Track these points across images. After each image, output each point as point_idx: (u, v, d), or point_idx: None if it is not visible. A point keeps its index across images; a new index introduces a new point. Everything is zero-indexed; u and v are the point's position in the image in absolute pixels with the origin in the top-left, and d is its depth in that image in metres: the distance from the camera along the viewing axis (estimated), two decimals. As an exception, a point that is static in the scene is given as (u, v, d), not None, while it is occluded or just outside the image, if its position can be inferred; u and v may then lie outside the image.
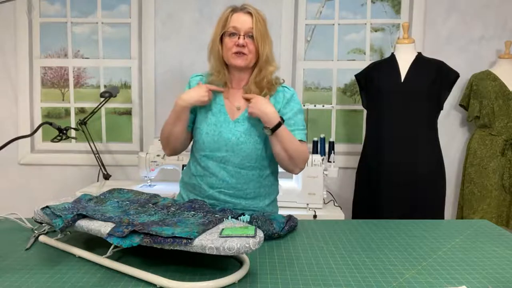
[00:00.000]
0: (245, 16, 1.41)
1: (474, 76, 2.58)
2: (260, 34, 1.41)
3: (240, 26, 1.40)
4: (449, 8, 2.66)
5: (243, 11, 1.42)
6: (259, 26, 1.41)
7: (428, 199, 2.25)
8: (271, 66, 1.46)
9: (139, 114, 2.87)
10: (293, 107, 1.48)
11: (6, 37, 2.78)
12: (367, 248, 1.18)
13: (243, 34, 1.40)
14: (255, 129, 1.44)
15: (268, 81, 1.46)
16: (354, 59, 2.83)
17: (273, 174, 1.54)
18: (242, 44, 1.40)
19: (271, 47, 1.46)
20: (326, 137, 2.56)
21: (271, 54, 1.46)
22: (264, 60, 1.43)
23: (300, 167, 1.48)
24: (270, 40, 1.46)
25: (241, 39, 1.40)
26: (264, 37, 1.42)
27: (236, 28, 1.40)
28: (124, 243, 0.97)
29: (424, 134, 2.27)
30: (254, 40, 1.41)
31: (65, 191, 2.80)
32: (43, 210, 1.16)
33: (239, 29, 1.40)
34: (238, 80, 1.50)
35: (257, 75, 1.45)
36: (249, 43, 1.41)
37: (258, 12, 1.44)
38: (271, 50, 1.46)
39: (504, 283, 0.97)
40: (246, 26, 1.40)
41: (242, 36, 1.40)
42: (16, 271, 1.00)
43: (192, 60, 2.73)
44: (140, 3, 2.77)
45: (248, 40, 1.41)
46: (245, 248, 0.92)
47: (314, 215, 2.18)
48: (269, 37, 1.45)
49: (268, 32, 1.45)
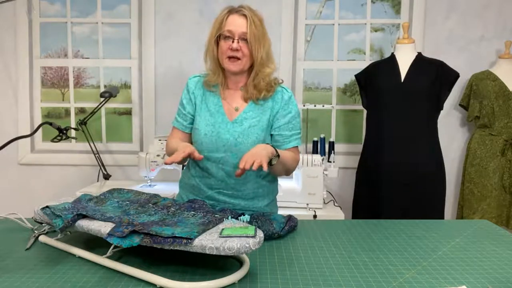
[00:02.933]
0: (240, 19, 1.40)
1: (474, 76, 2.58)
2: (254, 37, 1.39)
3: (235, 29, 1.40)
4: (449, 8, 2.66)
5: (239, 13, 1.41)
6: (253, 29, 1.39)
7: (428, 199, 2.25)
8: (268, 67, 1.45)
9: (139, 114, 2.87)
10: (291, 110, 1.49)
11: (6, 37, 2.79)
12: (367, 248, 1.18)
13: (237, 38, 1.39)
14: (253, 130, 1.44)
15: (267, 82, 1.46)
16: (354, 59, 2.83)
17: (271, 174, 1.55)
18: (236, 48, 1.39)
19: (268, 48, 1.44)
20: (326, 137, 2.56)
21: (267, 56, 1.44)
22: (259, 63, 1.42)
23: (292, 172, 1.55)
24: (267, 41, 1.44)
25: (235, 43, 1.39)
26: (259, 40, 1.40)
27: (231, 31, 1.40)
28: (124, 243, 0.97)
29: (424, 134, 2.27)
30: (249, 44, 1.40)
31: (65, 191, 2.80)
32: (43, 210, 1.16)
33: (233, 33, 1.40)
34: (234, 82, 1.50)
35: (254, 78, 1.45)
36: (243, 47, 1.40)
37: (254, 13, 1.42)
38: (267, 52, 1.44)
39: (504, 283, 0.97)
40: (240, 29, 1.39)
41: (236, 40, 1.39)
42: (16, 271, 1.00)
43: (192, 60, 2.73)
44: (140, 3, 2.77)
45: (242, 43, 1.40)
46: (245, 248, 0.92)
47: (314, 215, 2.18)
48: (265, 38, 1.44)
49: (264, 33, 1.44)
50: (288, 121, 1.48)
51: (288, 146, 1.49)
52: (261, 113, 1.47)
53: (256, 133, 1.44)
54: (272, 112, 1.47)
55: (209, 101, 1.49)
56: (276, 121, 1.48)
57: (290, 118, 1.48)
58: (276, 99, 1.48)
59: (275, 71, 1.49)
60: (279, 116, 1.47)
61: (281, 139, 1.48)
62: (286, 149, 1.48)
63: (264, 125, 1.46)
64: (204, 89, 1.51)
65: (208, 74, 1.50)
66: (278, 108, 1.47)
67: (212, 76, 1.48)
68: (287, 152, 1.46)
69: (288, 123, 1.48)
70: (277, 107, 1.47)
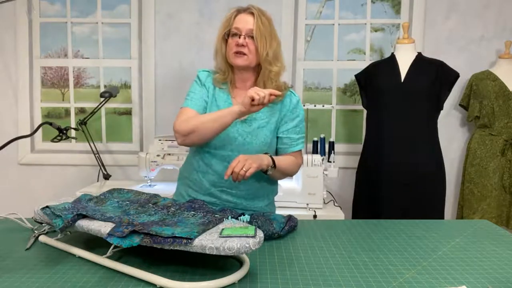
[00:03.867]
0: (248, 17, 1.43)
1: (474, 76, 2.58)
2: (260, 34, 1.41)
3: (242, 26, 1.43)
4: (449, 8, 2.66)
5: (247, 11, 1.45)
6: (260, 26, 1.42)
7: (428, 199, 2.25)
8: (275, 66, 1.46)
9: (139, 114, 2.87)
10: (299, 114, 1.52)
11: (6, 37, 2.78)
12: (367, 248, 1.18)
13: (244, 34, 1.42)
14: (262, 131, 1.46)
15: (277, 86, 1.46)
16: (354, 59, 2.83)
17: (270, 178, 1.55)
18: (242, 44, 1.42)
19: (276, 48, 1.46)
20: (326, 137, 2.56)
21: (274, 55, 1.45)
22: (265, 60, 1.44)
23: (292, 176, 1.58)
24: (275, 41, 1.46)
25: (241, 39, 1.42)
26: (265, 37, 1.42)
27: (238, 28, 1.43)
28: (124, 243, 0.97)
29: (424, 134, 2.27)
30: (255, 40, 1.42)
31: (65, 191, 2.80)
32: (43, 210, 1.16)
33: (240, 30, 1.43)
34: (242, 80, 1.51)
35: (262, 76, 1.47)
36: (250, 43, 1.42)
37: (262, 12, 1.45)
38: (275, 51, 1.45)
39: (504, 283, 0.97)
40: (247, 26, 1.42)
41: (243, 36, 1.42)
42: (16, 271, 1.00)
43: (192, 60, 2.73)
44: (140, 3, 2.77)
45: (249, 40, 1.42)
46: (245, 248, 0.92)
47: (314, 215, 2.18)
48: (274, 37, 1.46)
49: (273, 32, 1.46)
50: (296, 124, 1.51)
51: (295, 149, 1.51)
52: (271, 115, 1.48)
53: (264, 134, 1.46)
54: (280, 114, 1.49)
55: (218, 97, 1.50)
56: (284, 124, 1.50)
57: (298, 122, 1.52)
58: (284, 103, 1.50)
59: (284, 71, 1.50)
60: (287, 120, 1.50)
61: (289, 142, 1.50)
62: (291, 153, 1.51)
63: (272, 127, 1.48)
64: (213, 85, 1.52)
65: (217, 72, 1.52)
66: (286, 111, 1.50)
67: (222, 74, 1.50)
68: (288, 158, 1.49)
69: (296, 126, 1.51)
70: (285, 110, 1.50)
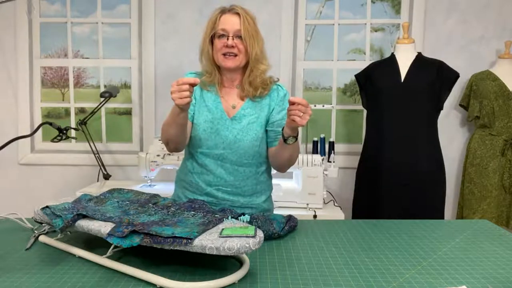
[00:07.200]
0: (233, 17, 1.43)
1: (474, 76, 2.58)
2: (248, 34, 1.42)
3: (229, 27, 1.42)
4: (449, 8, 2.66)
5: (231, 12, 1.44)
6: (247, 26, 1.42)
7: (428, 199, 2.25)
8: (263, 64, 1.47)
9: (139, 114, 2.87)
10: (285, 107, 1.50)
11: (6, 37, 2.78)
12: (367, 248, 1.18)
13: (232, 35, 1.41)
14: (252, 126, 1.46)
15: (263, 81, 1.48)
16: (354, 59, 2.83)
17: (267, 170, 1.57)
18: (231, 45, 1.41)
19: (261, 46, 1.47)
20: (326, 137, 2.56)
21: (261, 53, 1.47)
22: (254, 59, 1.44)
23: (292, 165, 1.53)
24: (260, 39, 1.46)
25: (230, 40, 1.41)
26: (253, 36, 1.43)
27: (225, 29, 1.42)
28: (124, 243, 0.97)
29: (424, 134, 2.27)
30: (243, 40, 1.42)
31: (65, 191, 2.80)
32: (43, 210, 1.16)
33: (227, 31, 1.42)
34: (230, 80, 1.51)
35: (250, 75, 1.47)
36: (238, 44, 1.42)
37: (246, 12, 1.45)
38: (261, 49, 1.46)
39: (504, 283, 0.97)
40: (234, 27, 1.42)
41: (231, 37, 1.41)
42: (16, 271, 1.00)
43: (192, 60, 2.73)
44: (140, 3, 2.77)
45: (237, 40, 1.42)
46: (245, 248, 0.92)
47: (314, 215, 2.18)
48: (259, 36, 1.46)
49: (258, 31, 1.46)
50: (282, 117, 1.49)
51: None
52: (260, 110, 1.49)
53: (255, 129, 1.46)
54: (269, 109, 1.50)
55: (207, 97, 1.50)
56: (271, 117, 1.50)
57: (284, 115, 1.49)
58: (272, 97, 1.51)
59: (269, 69, 1.51)
60: (274, 113, 1.50)
61: (273, 135, 1.50)
62: None
63: (262, 122, 1.48)
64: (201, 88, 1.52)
65: (204, 75, 1.51)
66: (274, 105, 1.50)
67: (208, 76, 1.49)
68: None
69: (282, 119, 1.49)
70: (273, 104, 1.50)
